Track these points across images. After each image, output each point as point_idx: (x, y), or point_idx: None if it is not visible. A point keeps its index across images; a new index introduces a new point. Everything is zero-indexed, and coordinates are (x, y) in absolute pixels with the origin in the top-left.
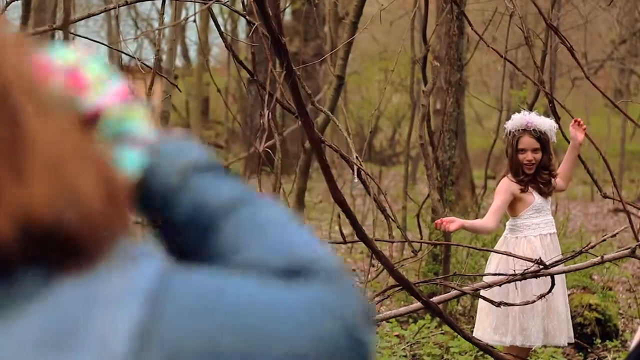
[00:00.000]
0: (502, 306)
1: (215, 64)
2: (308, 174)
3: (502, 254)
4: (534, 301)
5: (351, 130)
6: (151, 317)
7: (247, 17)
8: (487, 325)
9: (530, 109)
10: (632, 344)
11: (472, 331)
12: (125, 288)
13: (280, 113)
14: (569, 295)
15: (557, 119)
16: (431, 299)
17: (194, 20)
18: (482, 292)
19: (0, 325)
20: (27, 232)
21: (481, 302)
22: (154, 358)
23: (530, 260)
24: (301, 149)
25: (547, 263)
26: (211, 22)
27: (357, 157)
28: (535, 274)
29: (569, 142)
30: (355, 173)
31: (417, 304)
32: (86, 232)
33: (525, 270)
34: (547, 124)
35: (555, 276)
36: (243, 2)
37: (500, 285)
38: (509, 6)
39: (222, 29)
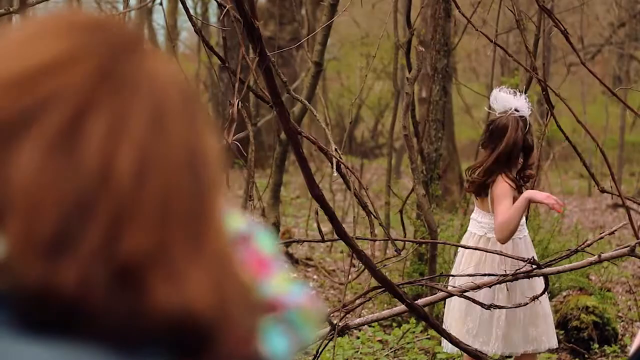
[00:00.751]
0: (492, 309)
1: (184, 49)
2: (284, 167)
3: (494, 253)
4: (526, 303)
5: (330, 120)
6: None
7: None
8: (463, 332)
9: None
10: (632, 349)
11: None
12: None
13: (253, 102)
14: (565, 296)
15: (551, 108)
16: (416, 302)
17: (161, 3)
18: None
19: None
20: (178, 317)
21: (450, 305)
22: None
23: (522, 259)
24: (276, 140)
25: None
26: (180, 5)
27: (336, 150)
28: (528, 274)
29: (563, 133)
30: (335, 166)
31: (401, 307)
32: (220, 339)
33: (517, 270)
34: (499, 107)
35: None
36: None
37: (490, 287)
38: None
39: (192, 12)
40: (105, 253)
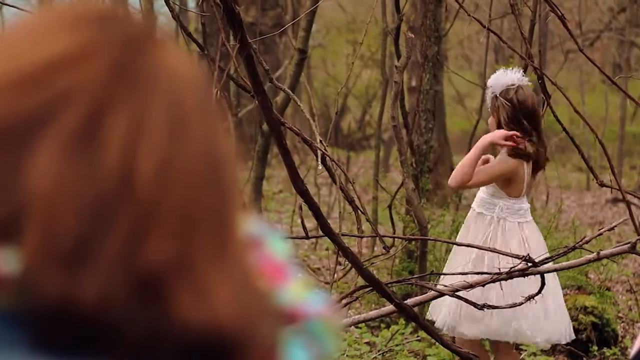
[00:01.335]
0: (484, 309)
1: (162, 35)
2: (266, 160)
3: (490, 250)
4: (522, 303)
5: (315, 110)
6: None
7: None
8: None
9: None
10: (632, 352)
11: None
12: None
13: (234, 91)
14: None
15: (548, 98)
16: (406, 301)
17: None
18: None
19: None
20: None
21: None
22: None
23: (517, 257)
24: (258, 132)
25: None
26: None
27: (321, 142)
28: (523, 273)
29: (561, 124)
30: (320, 159)
31: (390, 307)
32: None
33: (511, 268)
34: (496, 85)
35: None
36: None
37: (483, 286)
38: None
39: None
40: (126, 264)
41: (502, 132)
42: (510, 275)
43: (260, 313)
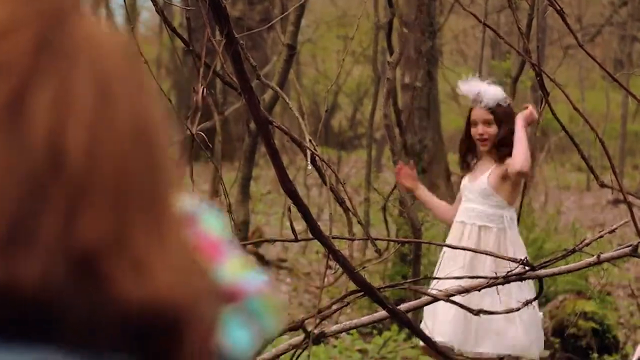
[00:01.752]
0: (480, 315)
1: (145, 31)
2: (254, 160)
3: (487, 254)
4: (519, 309)
5: (304, 108)
6: None
7: None
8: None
9: (515, 82)
10: (633, 359)
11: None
12: None
13: (220, 89)
14: (561, 301)
15: (546, 95)
16: (399, 307)
17: None
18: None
19: None
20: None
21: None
22: None
23: (514, 260)
24: (245, 131)
25: None
26: None
27: (310, 141)
28: (520, 277)
29: (559, 122)
30: (309, 159)
31: (383, 313)
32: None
33: (508, 272)
34: (497, 95)
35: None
36: None
37: (479, 290)
38: None
39: None
40: (63, 243)
41: (531, 114)
42: (507, 279)
43: (200, 290)
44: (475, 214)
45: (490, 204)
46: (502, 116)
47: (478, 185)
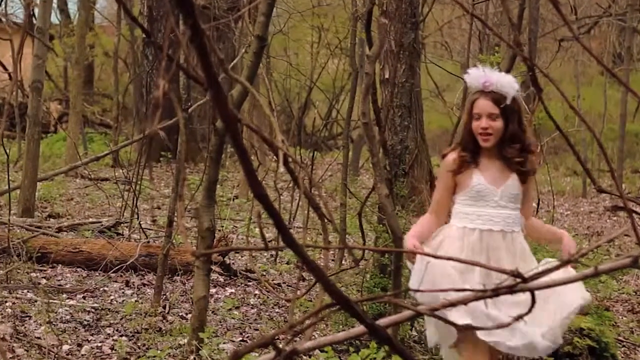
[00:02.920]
0: (468, 330)
1: (102, 20)
2: (220, 161)
3: (481, 266)
4: (509, 323)
5: (275, 105)
6: None
7: None
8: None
9: None
10: None
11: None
12: None
13: (184, 84)
14: None
15: (539, 91)
16: (378, 322)
17: None
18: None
19: None
20: None
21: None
22: None
23: (504, 272)
24: (211, 129)
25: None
26: None
27: (283, 141)
28: (511, 290)
29: (554, 121)
30: (281, 161)
31: (360, 328)
32: None
33: (497, 285)
34: (513, 85)
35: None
36: None
37: (465, 304)
38: None
39: None
40: None
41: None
42: (496, 292)
43: None
44: (500, 217)
45: (515, 206)
46: (511, 111)
47: (509, 190)
